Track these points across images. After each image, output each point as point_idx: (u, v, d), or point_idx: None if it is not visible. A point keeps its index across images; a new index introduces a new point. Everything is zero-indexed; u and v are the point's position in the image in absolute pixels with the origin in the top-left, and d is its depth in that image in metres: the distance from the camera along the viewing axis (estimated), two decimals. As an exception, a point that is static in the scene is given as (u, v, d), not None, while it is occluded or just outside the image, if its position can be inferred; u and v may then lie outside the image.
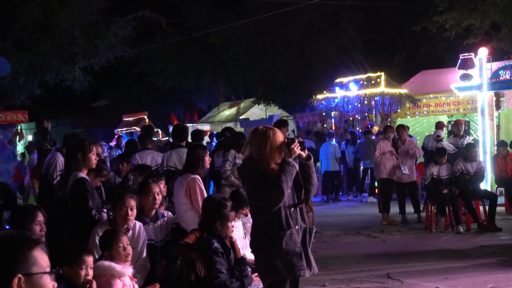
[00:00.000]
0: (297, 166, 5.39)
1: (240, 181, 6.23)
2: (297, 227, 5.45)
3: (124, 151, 13.47)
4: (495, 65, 18.01)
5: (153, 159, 10.86)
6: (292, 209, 5.44)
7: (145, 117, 31.87)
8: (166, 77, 38.44)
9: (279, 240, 5.36)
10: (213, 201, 6.50)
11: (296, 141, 5.39)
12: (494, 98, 17.67)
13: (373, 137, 18.49)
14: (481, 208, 13.49)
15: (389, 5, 31.43)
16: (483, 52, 17.20)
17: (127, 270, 5.76)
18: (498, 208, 13.66)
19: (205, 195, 7.41)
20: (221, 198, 6.65)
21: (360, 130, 21.01)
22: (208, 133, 23.59)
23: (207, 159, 7.79)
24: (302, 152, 5.43)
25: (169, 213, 7.26)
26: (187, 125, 20.45)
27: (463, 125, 17.56)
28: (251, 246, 5.72)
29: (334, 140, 20.27)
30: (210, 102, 41.61)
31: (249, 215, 6.52)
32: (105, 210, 6.85)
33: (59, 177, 10.15)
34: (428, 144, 17.47)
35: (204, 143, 14.11)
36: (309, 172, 5.51)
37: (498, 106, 18.32)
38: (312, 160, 5.55)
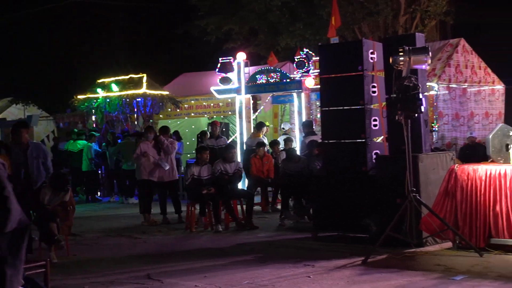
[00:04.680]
0: None
1: None
2: None
3: None
4: (253, 69, 18.74)
5: None
6: None
7: None
8: None
9: None
10: None
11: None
12: (252, 101, 18.36)
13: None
14: (239, 207, 13.95)
15: (153, 6, 31.61)
16: (241, 56, 17.80)
17: None
18: (255, 207, 14.21)
19: None
20: None
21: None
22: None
23: None
24: None
25: None
26: None
27: (218, 127, 18.03)
28: None
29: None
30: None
31: None
32: None
33: None
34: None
35: None
36: None
37: (255, 109, 19.07)
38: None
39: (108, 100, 20.32)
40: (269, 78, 17.29)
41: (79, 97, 21.38)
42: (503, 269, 8.42)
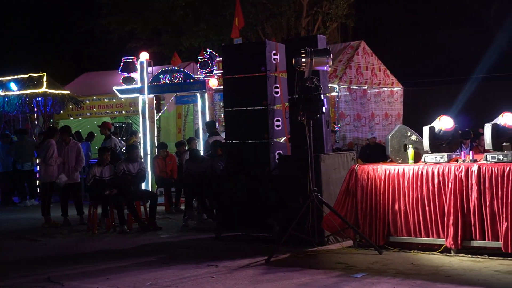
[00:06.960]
0: None
1: None
2: None
3: None
4: (156, 69, 18.60)
5: None
6: None
7: None
8: None
9: None
10: None
11: None
12: (155, 101, 18.24)
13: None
14: (142, 208, 13.84)
15: (56, 4, 31.01)
16: (144, 56, 17.64)
17: None
18: (158, 208, 14.14)
19: None
20: None
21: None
22: None
23: None
24: None
25: None
26: None
27: (109, 128, 17.79)
28: None
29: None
30: None
31: None
32: None
33: None
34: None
35: None
36: None
37: (158, 109, 18.96)
38: None
39: (6, 99, 19.76)
40: (172, 78, 17.17)
41: (-25, 96, 20.73)
42: (401, 266, 8.67)
